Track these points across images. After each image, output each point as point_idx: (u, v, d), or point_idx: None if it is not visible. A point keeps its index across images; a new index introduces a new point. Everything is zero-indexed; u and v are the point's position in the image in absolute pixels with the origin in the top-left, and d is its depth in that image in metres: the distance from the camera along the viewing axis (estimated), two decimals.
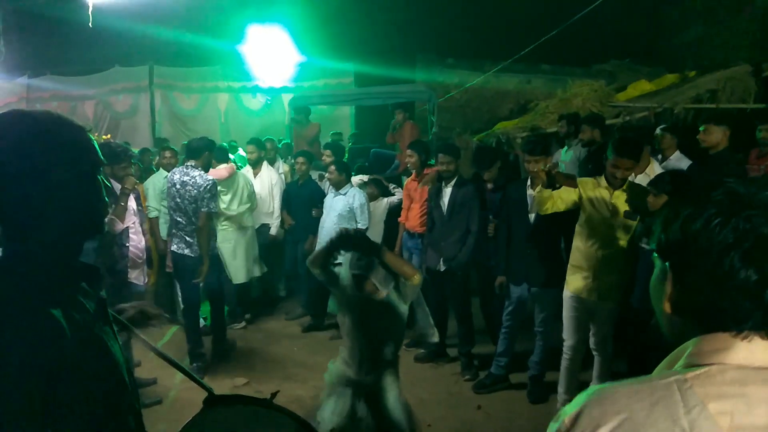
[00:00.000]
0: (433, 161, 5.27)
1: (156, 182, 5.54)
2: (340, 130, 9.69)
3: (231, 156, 6.77)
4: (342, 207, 5.31)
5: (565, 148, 6.03)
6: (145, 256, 4.32)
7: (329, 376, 2.90)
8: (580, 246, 3.70)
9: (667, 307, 0.91)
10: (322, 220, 5.48)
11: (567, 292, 3.81)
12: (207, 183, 4.47)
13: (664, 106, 6.40)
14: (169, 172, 5.52)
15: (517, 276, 4.22)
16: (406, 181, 5.49)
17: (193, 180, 4.47)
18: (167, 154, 5.76)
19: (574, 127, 6.15)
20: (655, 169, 4.44)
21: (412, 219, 5.14)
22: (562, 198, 3.58)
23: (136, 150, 7.42)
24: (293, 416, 1.47)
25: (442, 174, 4.59)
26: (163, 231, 5.38)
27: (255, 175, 6.04)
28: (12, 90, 11.67)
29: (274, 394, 1.54)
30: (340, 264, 2.96)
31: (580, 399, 0.87)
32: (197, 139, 4.88)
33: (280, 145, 7.30)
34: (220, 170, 5.43)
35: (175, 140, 8.91)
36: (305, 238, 5.73)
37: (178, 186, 4.51)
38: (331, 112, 10.30)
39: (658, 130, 5.03)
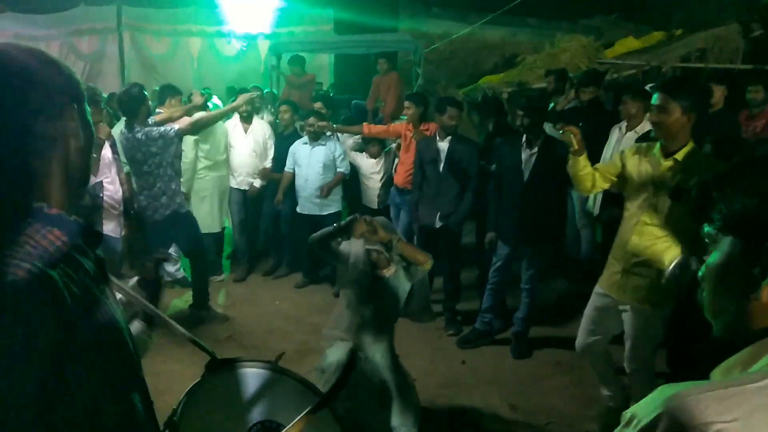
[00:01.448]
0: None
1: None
2: (319, 80, 9.41)
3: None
4: (325, 157, 5.17)
5: (552, 104, 5.94)
6: (121, 208, 4.11)
7: (327, 343, 2.92)
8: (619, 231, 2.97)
9: (765, 295, 0.77)
10: (303, 173, 5.24)
11: (597, 286, 3.12)
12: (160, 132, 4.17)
13: (652, 65, 6.32)
14: None
15: (507, 233, 4.18)
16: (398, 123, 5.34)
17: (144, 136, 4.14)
18: None
19: (562, 83, 6.06)
20: (646, 126, 4.40)
21: (401, 174, 5.00)
22: (604, 175, 2.93)
23: (105, 95, 7.08)
24: (298, 378, 1.42)
25: (447, 128, 4.45)
26: None
27: (246, 130, 5.53)
28: None
29: (279, 357, 1.48)
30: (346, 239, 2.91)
31: (654, 402, 0.75)
32: (124, 92, 4.36)
33: (264, 95, 7.01)
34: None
35: (146, 86, 8.52)
36: (290, 193, 5.42)
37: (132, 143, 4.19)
38: (309, 60, 9.98)
39: (647, 89, 4.96)
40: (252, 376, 1.41)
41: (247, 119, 5.56)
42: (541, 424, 3.46)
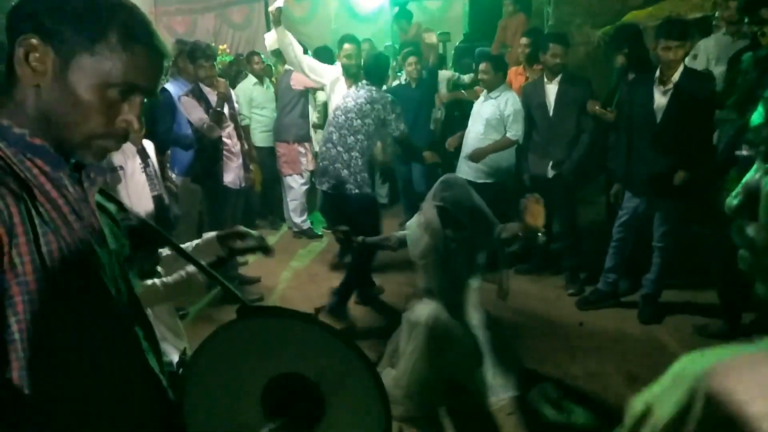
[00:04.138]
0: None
1: (245, 89, 5.60)
2: (450, 31, 9.05)
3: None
4: (491, 113, 4.32)
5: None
6: (240, 161, 4.31)
7: (411, 315, 2.86)
8: None
9: None
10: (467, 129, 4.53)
11: None
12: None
13: None
14: (257, 78, 5.66)
15: (635, 183, 3.73)
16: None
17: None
18: (256, 59, 5.78)
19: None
20: None
21: None
22: None
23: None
24: (330, 329, 1.29)
25: (551, 67, 4.06)
26: (257, 138, 5.58)
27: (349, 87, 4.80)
28: (140, 4, 12.23)
29: (318, 310, 1.37)
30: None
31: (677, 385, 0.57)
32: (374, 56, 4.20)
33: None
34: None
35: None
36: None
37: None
38: (443, 13, 9.67)
39: None
40: (283, 326, 1.33)
41: (354, 77, 4.37)
42: None
